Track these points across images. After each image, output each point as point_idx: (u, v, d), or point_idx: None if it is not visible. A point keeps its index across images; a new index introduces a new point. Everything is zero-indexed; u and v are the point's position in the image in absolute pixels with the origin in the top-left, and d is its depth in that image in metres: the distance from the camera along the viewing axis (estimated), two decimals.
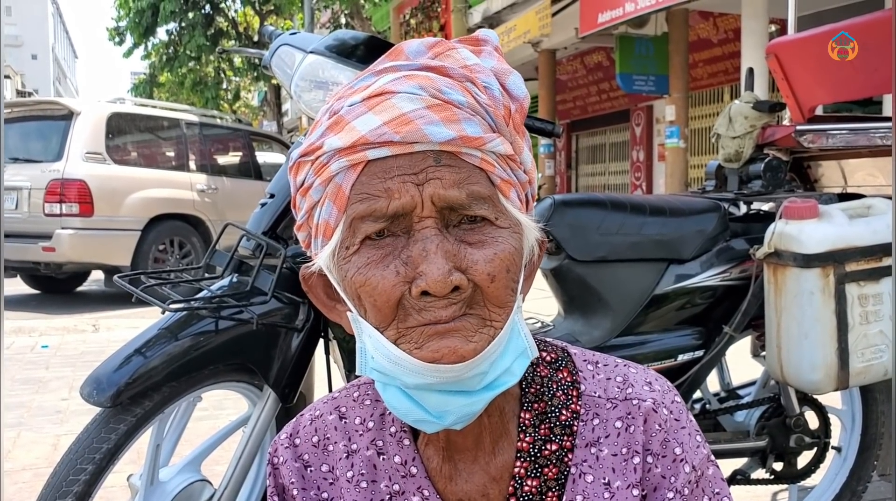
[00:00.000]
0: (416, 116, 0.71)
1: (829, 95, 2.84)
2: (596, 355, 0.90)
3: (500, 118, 0.75)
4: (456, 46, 0.77)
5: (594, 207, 2.13)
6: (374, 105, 0.72)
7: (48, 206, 7.70)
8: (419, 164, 0.71)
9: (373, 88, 0.74)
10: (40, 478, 1.79)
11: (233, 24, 21.36)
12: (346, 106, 0.75)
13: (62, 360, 5.49)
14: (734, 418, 2.42)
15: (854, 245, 2.05)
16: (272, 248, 1.87)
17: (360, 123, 0.72)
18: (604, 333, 2.12)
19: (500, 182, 0.75)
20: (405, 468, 0.84)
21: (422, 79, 0.73)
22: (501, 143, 0.74)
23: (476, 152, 0.73)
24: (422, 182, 0.71)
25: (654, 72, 11.89)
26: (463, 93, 0.74)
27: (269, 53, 2.07)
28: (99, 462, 1.68)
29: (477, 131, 0.73)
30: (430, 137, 0.71)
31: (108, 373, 1.74)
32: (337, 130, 0.73)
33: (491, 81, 0.76)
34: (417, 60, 0.76)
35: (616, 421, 0.84)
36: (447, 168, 0.72)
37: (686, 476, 0.82)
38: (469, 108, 0.73)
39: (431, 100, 0.72)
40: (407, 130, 0.70)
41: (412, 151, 0.71)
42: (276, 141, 11.14)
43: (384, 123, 0.71)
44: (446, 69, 0.74)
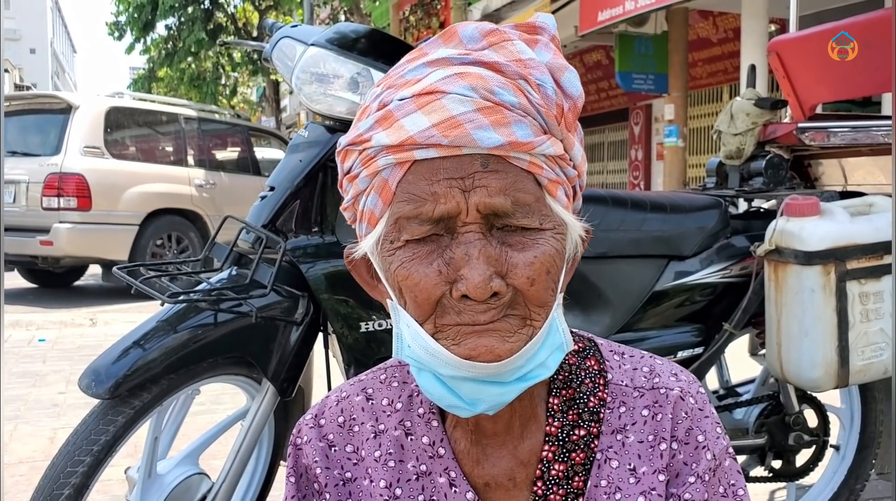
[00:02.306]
0: (465, 120, 0.70)
1: (830, 94, 2.83)
2: (622, 346, 0.92)
3: (552, 118, 0.74)
4: (512, 37, 0.75)
5: (595, 203, 2.13)
6: (423, 104, 0.71)
7: (46, 200, 7.68)
8: (466, 167, 0.71)
9: (424, 84, 0.72)
10: (37, 471, 1.79)
11: (232, 20, 21.31)
12: (395, 100, 0.73)
13: (59, 354, 5.48)
14: (733, 415, 2.41)
15: (855, 243, 2.05)
16: (272, 241, 1.86)
17: (409, 122, 0.71)
18: (603, 329, 2.12)
19: (547, 183, 0.74)
20: (433, 448, 0.85)
21: (474, 77, 0.72)
22: (552, 144, 0.73)
23: (525, 156, 0.72)
24: (468, 188, 0.71)
25: (654, 71, 11.88)
26: (515, 92, 0.72)
27: (270, 46, 2.06)
28: (97, 454, 1.68)
29: (527, 135, 0.72)
30: (478, 142, 0.70)
31: (106, 365, 1.73)
32: (385, 125, 0.72)
33: (545, 79, 0.74)
34: (472, 48, 0.75)
35: (643, 410, 0.85)
36: (494, 174, 0.71)
37: (707, 463, 0.84)
38: (521, 109, 0.72)
39: (482, 102, 0.71)
40: (456, 134, 0.70)
41: (460, 153, 0.71)
42: (274, 136, 11.13)
43: (433, 125, 0.70)
44: (500, 66, 0.73)
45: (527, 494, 0.84)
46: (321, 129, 1.99)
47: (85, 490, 1.68)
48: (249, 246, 1.93)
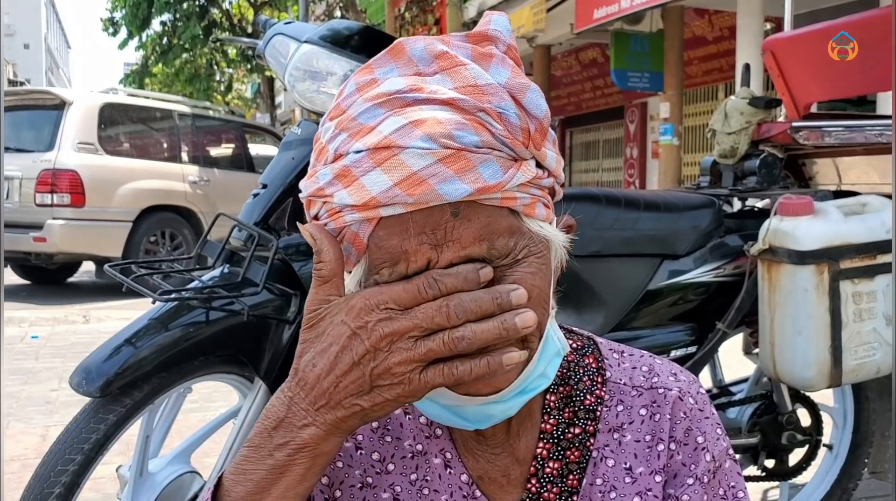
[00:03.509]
0: (427, 175, 0.66)
1: (825, 93, 2.83)
2: (621, 345, 0.92)
3: (520, 145, 0.70)
4: (464, 62, 0.70)
5: (589, 201, 2.13)
6: (381, 161, 0.67)
7: (39, 196, 7.66)
8: (436, 219, 0.68)
9: (378, 136, 0.67)
10: (28, 469, 1.78)
11: (227, 16, 21.26)
12: (351, 152, 0.69)
13: (52, 351, 5.46)
14: (726, 414, 2.42)
15: (849, 242, 2.04)
16: (264, 239, 1.86)
17: (370, 181, 0.67)
18: (597, 328, 2.11)
19: (523, 208, 0.72)
20: (430, 428, 0.85)
21: (430, 124, 0.67)
22: (523, 172, 0.70)
23: (496, 194, 0.69)
24: (440, 243, 0.68)
25: (649, 69, 11.88)
26: (476, 130, 0.68)
27: (264, 42, 2.05)
28: (88, 452, 1.67)
29: (496, 173, 0.68)
30: (444, 197, 0.66)
31: (97, 363, 1.72)
32: (345, 183, 0.69)
33: (506, 105, 0.69)
34: (422, 69, 0.72)
35: (641, 409, 0.85)
36: (466, 222, 0.68)
37: (706, 465, 0.83)
38: (485, 146, 0.68)
39: (443, 152, 0.66)
40: (420, 191, 0.66)
41: (428, 206, 0.67)
42: (269, 133, 11.10)
43: (395, 184, 0.66)
44: (456, 102, 0.68)
45: (521, 491, 0.84)
46: (314, 126, 1.98)
47: (76, 488, 1.67)
48: (242, 244, 1.92)
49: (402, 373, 0.67)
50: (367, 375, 0.67)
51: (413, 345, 0.66)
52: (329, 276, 0.70)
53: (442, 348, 0.66)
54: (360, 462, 0.84)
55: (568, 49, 15.40)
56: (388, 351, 0.66)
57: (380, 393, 0.67)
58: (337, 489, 0.84)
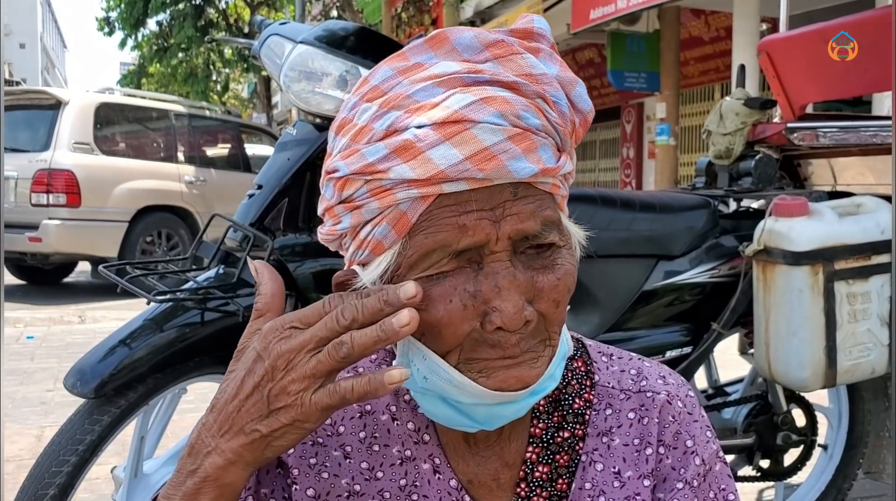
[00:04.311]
0: (499, 151, 0.66)
1: (821, 94, 2.84)
2: (610, 348, 0.91)
3: (567, 135, 0.72)
4: (520, 51, 0.71)
5: (584, 202, 2.13)
6: (451, 135, 0.66)
7: (35, 196, 7.65)
8: (497, 197, 0.68)
9: (446, 110, 0.66)
10: (24, 470, 1.77)
11: (223, 16, 21.25)
12: (412, 126, 0.67)
13: (47, 351, 5.46)
14: (721, 415, 2.42)
15: (843, 243, 2.05)
16: (259, 240, 1.85)
17: (438, 155, 0.66)
18: (592, 328, 2.11)
19: (560, 200, 0.74)
20: (418, 434, 0.84)
21: (500, 102, 0.67)
22: (569, 162, 0.72)
23: (549, 179, 0.71)
24: (499, 218, 0.68)
25: (646, 69, 11.89)
26: (537, 114, 0.69)
27: (259, 43, 2.05)
28: (82, 453, 1.67)
29: (552, 158, 0.70)
30: (514, 173, 0.67)
31: (92, 364, 1.72)
32: (406, 157, 0.66)
33: (559, 95, 0.71)
34: (471, 58, 0.71)
35: (629, 412, 0.85)
36: (523, 200, 0.69)
37: (696, 469, 0.83)
38: (543, 131, 0.69)
39: (512, 129, 0.67)
40: (491, 166, 0.66)
41: (491, 184, 0.67)
42: (265, 133, 11.10)
43: (466, 158, 0.65)
44: (519, 86, 0.69)
45: (510, 495, 0.83)
46: (309, 127, 1.98)
47: (70, 489, 1.67)
48: (237, 245, 1.92)
49: (295, 392, 0.66)
50: (265, 396, 0.66)
51: (307, 361, 0.66)
52: (264, 310, 0.71)
53: (327, 358, 0.65)
54: (347, 471, 0.83)
55: (565, 49, 15.40)
56: (285, 370, 0.66)
57: (276, 417, 0.66)
58: (323, 499, 0.83)
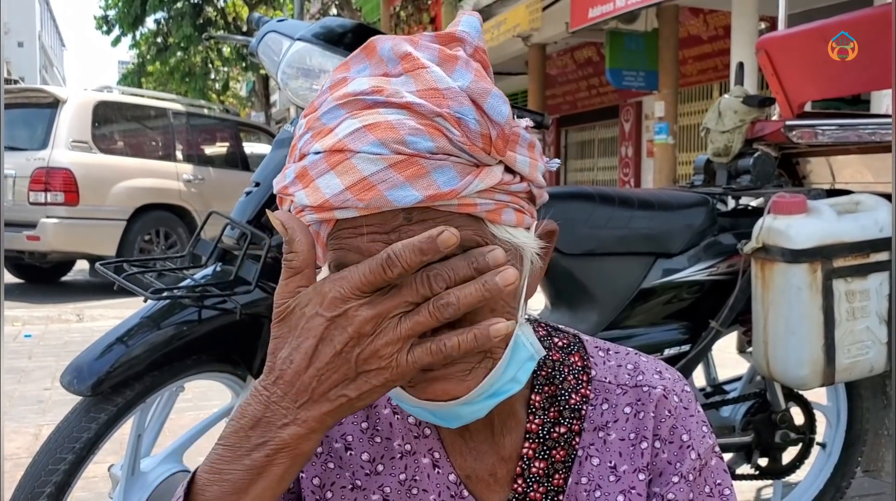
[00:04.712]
0: (377, 181, 0.65)
1: (819, 92, 2.83)
2: (607, 343, 0.91)
3: (480, 150, 0.68)
4: (427, 64, 0.69)
5: (583, 200, 2.12)
6: (335, 164, 0.67)
7: (33, 194, 7.63)
8: (389, 222, 0.67)
9: (334, 138, 0.67)
10: (21, 469, 1.77)
11: (221, 14, 21.23)
12: (311, 153, 0.68)
13: (45, 349, 5.45)
14: (720, 413, 2.42)
15: (842, 241, 2.05)
16: (257, 237, 1.85)
17: (324, 183, 0.67)
18: (590, 326, 2.11)
19: (486, 214, 0.70)
20: (418, 428, 0.85)
21: (382, 129, 0.66)
22: (482, 180, 0.68)
23: (453, 201, 0.67)
24: (394, 242, 0.66)
25: (644, 68, 11.90)
26: (431, 136, 0.66)
27: (256, 40, 2.05)
28: (79, 451, 1.66)
29: (451, 181, 0.67)
30: (394, 203, 0.65)
31: (89, 362, 1.72)
32: (304, 184, 0.69)
33: (465, 110, 0.68)
34: (390, 70, 0.71)
35: (625, 407, 0.85)
36: (420, 224, 0.67)
37: (691, 463, 0.83)
38: (441, 152, 0.67)
39: (394, 157, 0.65)
40: (370, 196, 0.65)
41: (380, 211, 0.67)
42: (263, 132, 11.09)
43: (346, 188, 0.66)
44: (413, 106, 0.67)
45: (507, 490, 0.84)
46: None
47: (67, 487, 1.66)
48: (234, 242, 1.91)
49: (389, 355, 0.65)
50: (352, 362, 0.65)
51: (398, 323, 0.65)
52: (300, 267, 0.67)
53: (429, 318, 0.64)
54: (349, 464, 0.84)
55: (563, 48, 15.41)
56: (374, 334, 0.65)
57: (367, 380, 0.65)
58: (328, 490, 0.83)
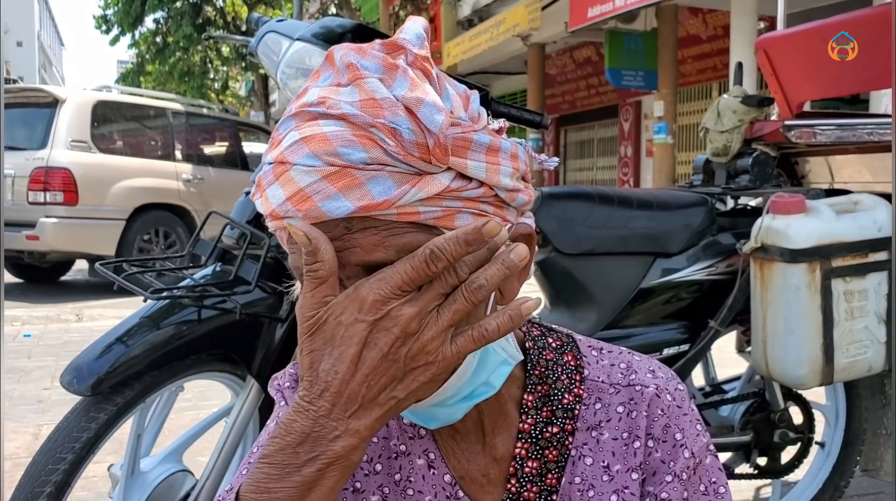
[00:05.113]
0: (312, 192, 0.67)
1: (819, 91, 2.84)
2: (600, 342, 0.91)
3: (417, 160, 0.68)
4: (365, 75, 0.70)
5: (581, 200, 2.13)
6: (279, 174, 0.69)
7: (32, 194, 7.63)
8: (333, 231, 0.68)
9: (278, 150, 0.69)
10: (20, 468, 1.77)
11: (221, 14, 21.21)
12: (266, 163, 0.71)
13: (45, 349, 5.45)
14: (719, 412, 2.42)
15: (841, 241, 2.05)
16: (256, 237, 1.85)
17: (271, 194, 0.69)
18: (589, 326, 2.12)
19: (434, 221, 0.69)
20: (413, 429, 0.85)
21: (317, 142, 0.67)
22: (420, 189, 0.68)
23: (390, 211, 0.68)
24: (340, 249, 0.68)
25: (643, 67, 11.91)
26: (364, 147, 0.67)
27: (256, 40, 2.04)
28: (79, 451, 1.67)
29: (385, 191, 0.67)
30: (328, 214, 0.67)
31: (88, 361, 1.72)
32: (259, 192, 0.72)
33: (399, 120, 0.67)
34: (340, 80, 0.71)
35: (618, 406, 0.85)
36: (361, 233, 0.68)
37: (685, 462, 0.83)
38: (375, 163, 0.67)
39: (327, 169, 0.66)
40: (306, 207, 0.67)
41: (321, 221, 0.68)
42: (262, 131, 11.08)
43: (287, 199, 0.68)
44: (347, 117, 0.68)
45: (501, 490, 0.84)
46: None
47: (66, 487, 1.67)
48: (234, 242, 1.92)
49: (435, 348, 0.65)
50: (400, 361, 0.65)
51: (438, 316, 0.66)
52: (325, 276, 0.67)
53: (466, 304, 0.66)
54: None
55: (562, 47, 15.42)
56: (419, 330, 0.65)
57: (415, 378, 0.66)
58: None
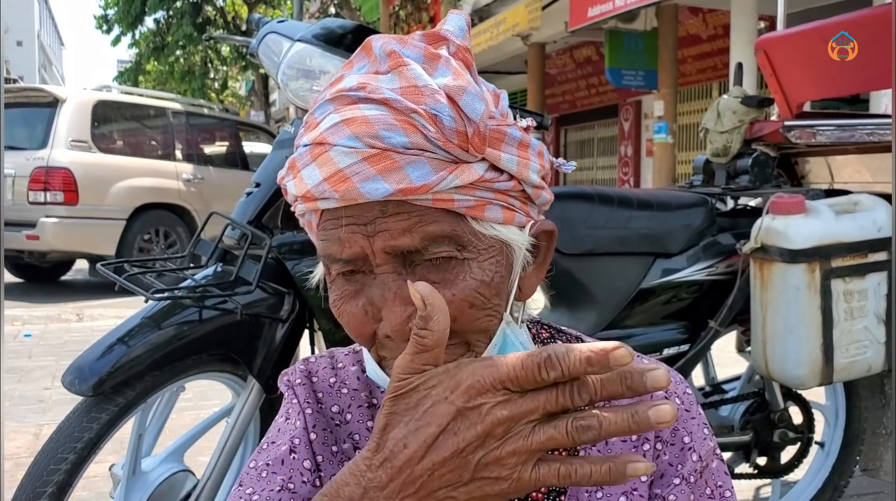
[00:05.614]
0: (351, 173, 0.68)
1: (819, 92, 2.84)
2: None
3: (456, 148, 0.69)
4: (408, 62, 0.71)
5: (582, 200, 2.13)
6: (316, 156, 0.70)
7: (32, 194, 7.64)
8: (367, 214, 0.69)
9: (316, 132, 0.70)
10: (21, 468, 1.78)
11: (221, 13, 21.20)
12: (301, 145, 0.72)
13: (45, 349, 5.45)
14: (719, 412, 2.42)
15: (840, 241, 2.05)
16: (257, 237, 1.86)
17: (307, 175, 0.70)
18: (589, 326, 2.12)
19: (466, 210, 0.71)
20: None
21: (358, 124, 0.68)
22: (458, 176, 0.69)
23: (426, 196, 0.68)
24: (371, 234, 0.69)
25: (643, 67, 11.90)
26: (405, 131, 0.68)
27: (256, 41, 2.05)
28: (80, 451, 1.67)
29: (424, 175, 0.68)
30: (366, 195, 0.68)
31: (90, 362, 1.72)
32: (293, 174, 0.73)
33: (440, 107, 0.69)
34: (380, 68, 0.73)
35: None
36: (394, 217, 0.69)
37: (692, 465, 0.83)
38: (415, 148, 0.68)
39: (368, 151, 0.67)
40: (344, 188, 0.68)
41: (356, 203, 0.69)
42: (263, 131, 11.09)
43: (324, 180, 0.69)
44: (390, 102, 0.69)
45: None
46: None
47: (68, 487, 1.67)
48: (235, 242, 1.92)
49: (513, 465, 0.59)
50: (471, 464, 0.59)
51: (531, 432, 0.59)
52: (433, 346, 0.62)
53: (564, 437, 0.58)
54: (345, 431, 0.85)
55: (562, 47, 15.41)
56: (503, 439, 0.59)
57: (480, 487, 0.60)
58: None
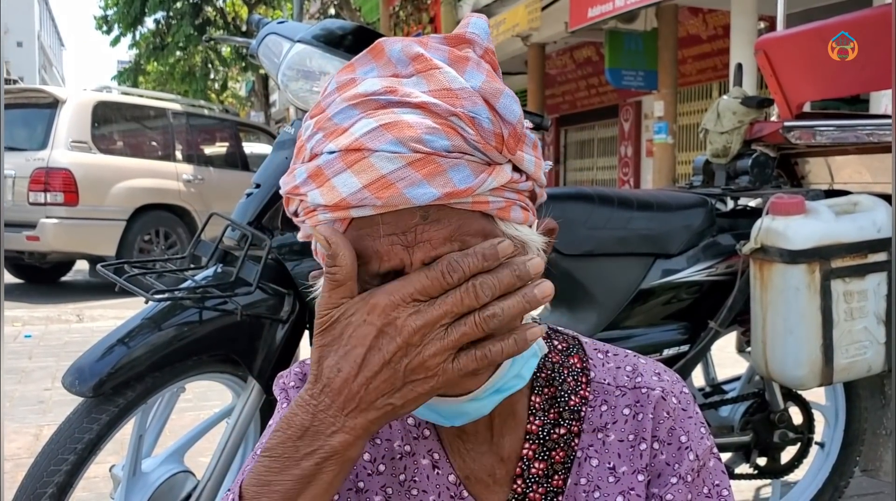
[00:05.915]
0: (396, 178, 0.66)
1: (819, 92, 2.84)
2: (606, 345, 0.92)
3: (492, 149, 0.70)
4: (439, 65, 0.70)
5: (582, 201, 2.13)
6: (352, 163, 0.67)
7: (33, 194, 7.64)
8: (406, 222, 0.68)
9: (350, 137, 0.68)
10: (22, 469, 1.78)
11: (221, 14, 21.19)
12: (325, 152, 0.69)
13: (45, 350, 5.45)
14: (719, 413, 2.43)
15: (840, 242, 2.05)
16: (257, 238, 1.86)
17: (340, 182, 0.68)
18: (589, 327, 2.12)
19: (497, 212, 0.71)
20: (418, 430, 0.85)
21: (401, 128, 0.67)
22: (495, 177, 0.70)
23: (468, 199, 0.69)
24: (410, 244, 0.68)
25: (643, 67, 11.90)
26: (447, 135, 0.67)
27: (257, 42, 2.05)
28: (81, 452, 1.67)
29: (466, 179, 0.68)
30: (412, 200, 0.66)
31: (90, 363, 1.73)
32: (318, 183, 0.69)
33: (479, 110, 0.69)
34: (400, 72, 0.72)
35: (624, 409, 0.86)
36: (436, 224, 0.68)
37: (689, 464, 0.84)
38: (456, 151, 0.68)
39: (412, 156, 0.66)
40: (388, 194, 0.66)
41: (397, 209, 0.68)
42: (263, 131, 11.10)
43: (364, 187, 0.67)
44: (428, 106, 0.68)
45: (506, 491, 0.84)
46: None
47: (69, 488, 1.67)
48: (235, 243, 1.92)
49: (436, 364, 0.66)
50: (400, 372, 0.66)
51: (445, 333, 0.66)
52: (344, 280, 0.68)
53: (475, 330, 0.66)
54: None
55: (562, 47, 15.41)
56: (422, 344, 0.66)
57: (412, 389, 0.67)
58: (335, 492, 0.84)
